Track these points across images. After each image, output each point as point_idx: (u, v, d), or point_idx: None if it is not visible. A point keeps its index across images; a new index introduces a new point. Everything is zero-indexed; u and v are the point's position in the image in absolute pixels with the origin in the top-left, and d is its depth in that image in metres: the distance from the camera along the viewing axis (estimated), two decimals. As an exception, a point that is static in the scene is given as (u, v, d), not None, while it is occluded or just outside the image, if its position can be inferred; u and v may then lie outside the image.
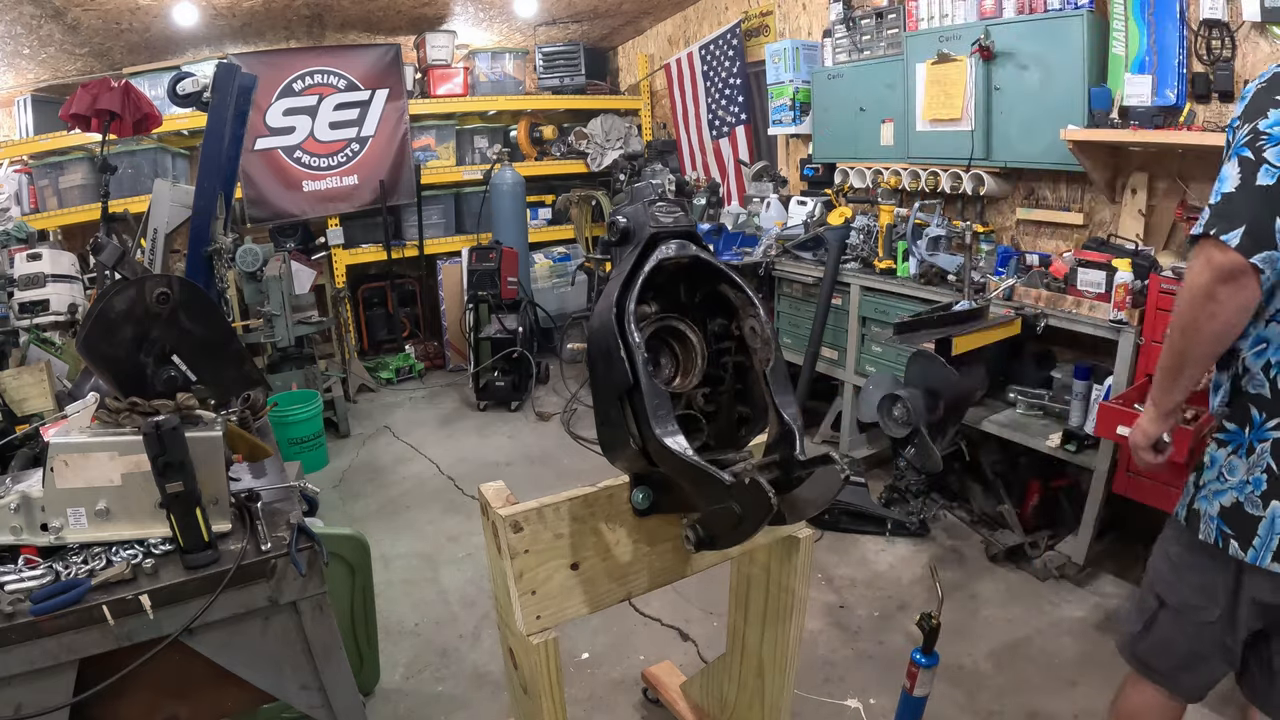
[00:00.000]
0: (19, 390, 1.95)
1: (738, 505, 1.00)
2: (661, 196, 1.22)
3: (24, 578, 1.21)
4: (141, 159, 4.83)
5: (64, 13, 4.31)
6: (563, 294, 6.03)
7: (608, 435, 1.16)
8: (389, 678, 2.42)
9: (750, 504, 0.98)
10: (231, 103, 3.20)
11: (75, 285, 2.68)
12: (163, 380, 1.58)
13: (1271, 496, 1.19)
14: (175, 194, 3.33)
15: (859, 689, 2.29)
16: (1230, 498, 1.23)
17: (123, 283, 1.59)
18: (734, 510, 1.01)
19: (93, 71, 5.01)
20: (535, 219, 6.11)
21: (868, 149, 4.06)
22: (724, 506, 1.02)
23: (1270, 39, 2.55)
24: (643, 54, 6.41)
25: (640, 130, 6.34)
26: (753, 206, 4.68)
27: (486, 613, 2.74)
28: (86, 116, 3.07)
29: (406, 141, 5.49)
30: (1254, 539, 1.21)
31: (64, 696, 1.19)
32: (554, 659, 1.24)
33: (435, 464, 4.12)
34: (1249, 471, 1.22)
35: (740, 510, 1.00)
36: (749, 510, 0.99)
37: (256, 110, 4.78)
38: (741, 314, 1.24)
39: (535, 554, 1.22)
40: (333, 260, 5.46)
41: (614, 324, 1.09)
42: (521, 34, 6.17)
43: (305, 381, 4.29)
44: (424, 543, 3.29)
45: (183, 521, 1.24)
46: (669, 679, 2.22)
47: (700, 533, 1.07)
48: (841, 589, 2.81)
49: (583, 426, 4.49)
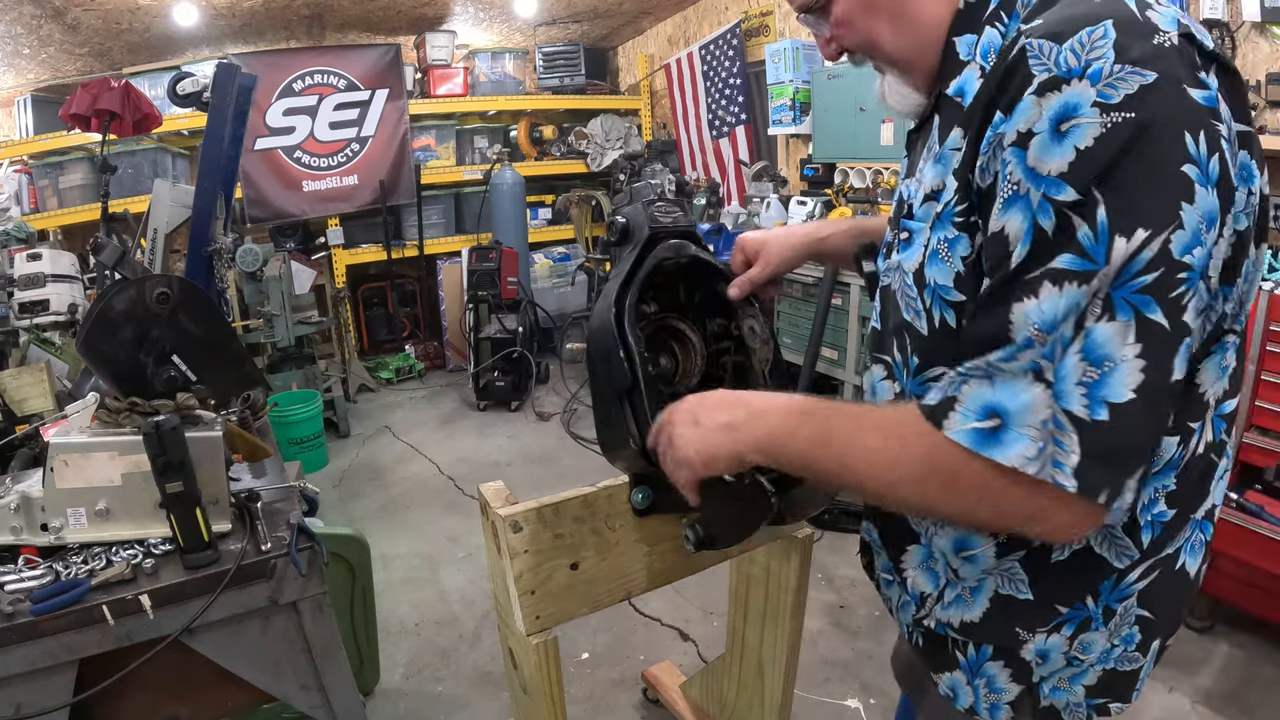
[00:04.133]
0: (19, 390, 1.95)
1: (737, 505, 1.00)
2: (661, 196, 1.22)
3: (24, 578, 1.21)
4: (141, 159, 4.83)
5: (64, 13, 4.30)
6: (563, 294, 6.03)
7: (607, 435, 1.16)
8: (389, 678, 2.42)
9: (750, 504, 0.98)
10: (231, 103, 3.20)
11: (75, 285, 2.68)
12: (163, 380, 1.58)
13: (1150, 638, 0.86)
14: (175, 194, 3.33)
15: (859, 689, 2.29)
16: (1095, 673, 0.86)
17: (123, 283, 1.59)
18: (734, 510, 1.01)
19: (93, 71, 5.01)
20: (535, 219, 6.11)
21: (868, 149, 4.06)
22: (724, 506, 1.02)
23: (1270, 39, 2.55)
24: (643, 54, 6.41)
25: (640, 130, 6.34)
26: (753, 206, 4.68)
27: (486, 613, 2.74)
28: (86, 116, 3.06)
29: (406, 141, 5.49)
30: (1137, 684, 0.89)
31: (64, 696, 1.19)
32: (554, 659, 1.24)
33: (435, 464, 4.12)
34: (1112, 637, 0.84)
35: (740, 510, 1.00)
36: (749, 510, 0.99)
37: (256, 110, 4.78)
38: (740, 313, 1.24)
39: (535, 554, 1.22)
40: (333, 260, 5.46)
41: (613, 324, 1.09)
42: (521, 34, 6.17)
43: (305, 381, 4.29)
44: (424, 543, 3.29)
45: (183, 521, 1.24)
46: (669, 679, 2.22)
47: (700, 533, 1.07)
48: (841, 589, 2.81)
49: (583, 426, 4.48)
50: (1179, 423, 0.76)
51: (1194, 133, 0.62)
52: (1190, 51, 0.64)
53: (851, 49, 0.89)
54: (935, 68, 0.83)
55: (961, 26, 0.79)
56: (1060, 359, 0.63)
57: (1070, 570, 0.81)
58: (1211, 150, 0.62)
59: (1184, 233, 0.61)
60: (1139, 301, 0.62)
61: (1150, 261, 0.61)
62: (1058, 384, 0.63)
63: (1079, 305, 0.63)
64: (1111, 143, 0.61)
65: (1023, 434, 0.65)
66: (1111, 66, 0.61)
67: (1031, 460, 0.64)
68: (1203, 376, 0.75)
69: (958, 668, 0.91)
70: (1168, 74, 0.61)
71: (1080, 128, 0.62)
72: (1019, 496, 0.67)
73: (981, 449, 0.66)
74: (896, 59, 0.85)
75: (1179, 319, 0.62)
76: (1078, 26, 0.64)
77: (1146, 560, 0.81)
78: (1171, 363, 0.63)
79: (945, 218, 0.76)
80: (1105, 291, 0.62)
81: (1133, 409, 0.62)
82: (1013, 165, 0.66)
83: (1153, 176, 0.61)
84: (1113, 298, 0.62)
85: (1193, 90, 0.62)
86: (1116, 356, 0.62)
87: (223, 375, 1.69)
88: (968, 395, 0.68)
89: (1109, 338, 0.62)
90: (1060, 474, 0.64)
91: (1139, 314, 0.62)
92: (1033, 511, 0.67)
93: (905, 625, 0.99)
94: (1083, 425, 0.63)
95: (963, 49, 0.79)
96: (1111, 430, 0.63)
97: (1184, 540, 0.83)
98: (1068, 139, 0.62)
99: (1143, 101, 0.61)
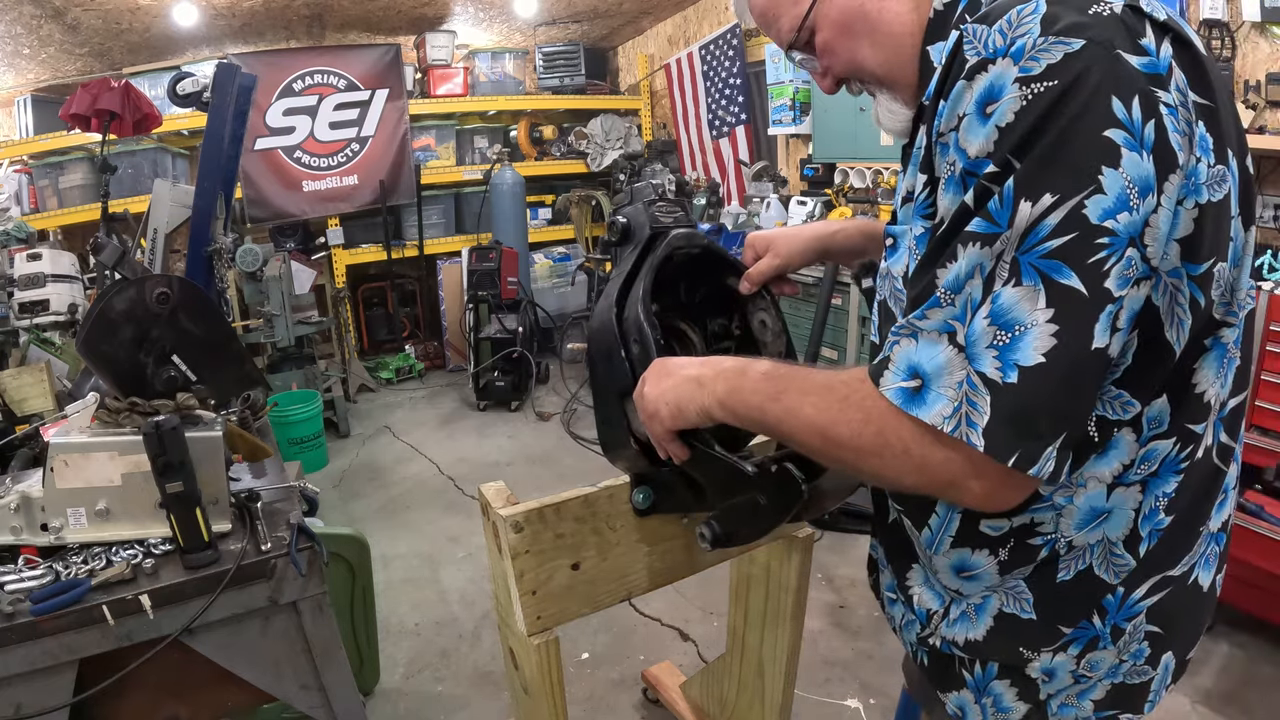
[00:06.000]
0: (19, 390, 1.95)
1: (763, 496, 0.97)
2: (662, 196, 1.22)
3: (24, 578, 1.21)
4: (141, 159, 4.83)
5: (64, 13, 4.30)
6: (563, 294, 6.03)
7: (608, 435, 1.16)
8: (389, 678, 2.42)
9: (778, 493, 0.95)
10: (231, 103, 3.20)
11: (75, 285, 2.68)
12: (163, 380, 1.58)
13: (1160, 652, 0.84)
14: (175, 194, 3.33)
15: (859, 689, 2.29)
16: (1103, 688, 0.84)
17: (123, 283, 1.59)
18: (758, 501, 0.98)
19: (93, 71, 5.00)
20: (535, 219, 6.11)
21: (868, 149, 4.06)
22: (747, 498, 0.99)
23: (1270, 39, 2.55)
24: (643, 54, 6.41)
25: (640, 130, 6.34)
26: (753, 206, 4.68)
27: (486, 613, 2.74)
28: (86, 116, 3.06)
29: (406, 141, 5.49)
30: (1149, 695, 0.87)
31: (64, 696, 1.19)
32: (555, 659, 1.24)
33: (435, 464, 4.12)
34: (1121, 654, 0.82)
35: (767, 501, 0.97)
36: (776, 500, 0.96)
37: (256, 110, 4.78)
38: (752, 306, 1.23)
39: (536, 554, 1.22)
40: (333, 260, 5.46)
41: (614, 324, 1.09)
42: (521, 34, 6.17)
43: (305, 381, 4.29)
44: (424, 543, 3.29)
45: (183, 521, 1.24)
46: (669, 679, 2.22)
47: (716, 529, 1.03)
48: (841, 589, 2.81)
49: (583, 426, 4.48)
50: (1176, 425, 0.73)
51: (1125, 97, 0.60)
52: (1137, 22, 0.63)
53: (843, 75, 0.92)
54: (916, 79, 0.84)
55: (934, 35, 0.80)
56: (970, 322, 0.64)
57: (1072, 590, 0.79)
58: (1148, 116, 0.60)
59: (1105, 197, 0.60)
60: (1047, 266, 0.61)
61: (1058, 226, 0.60)
62: (969, 346, 0.64)
63: (983, 267, 0.63)
64: (1030, 114, 0.61)
65: (941, 393, 0.65)
66: (1035, 40, 0.61)
67: (948, 419, 0.64)
68: (1200, 376, 0.73)
69: (965, 686, 0.90)
70: (1098, 40, 0.60)
71: (1002, 106, 0.62)
72: (940, 459, 0.66)
73: (907, 407, 0.66)
74: (881, 76, 0.87)
75: (1099, 285, 0.61)
76: (1011, 6, 0.64)
77: (1151, 576, 0.79)
78: (1091, 330, 0.61)
79: (916, 214, 0.76)
80: (1010, 255, 0.62)
81: (1044, 372, 0.61)
82: (951, 150, 0.67)
83: (1068, 141, 0.60)
84: (1019, 261, 0.62)
85: (1129, 56, 0.61)
86: (1026, 321, 0.61)
87: (223, 375, 1.69)
88: (897, 354, 0.69)
89: (1015, 302, 0.62)
90: (973, 433, 0.63)
91: (1047, 278, 0.61)
92: (953, 475, 0.67)
93: (910, 644, 0.98)
94: (995, 387, 0.62)
95: (935, 57, 0.80)
96: (1021, 393, 0.62)
97: (1198, 555, 0.81)
98: (990, 119, 0.63)
99: (1065, 69, 0.60)
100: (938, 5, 0.80)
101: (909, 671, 1.26)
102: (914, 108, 0.85)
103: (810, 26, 0.88)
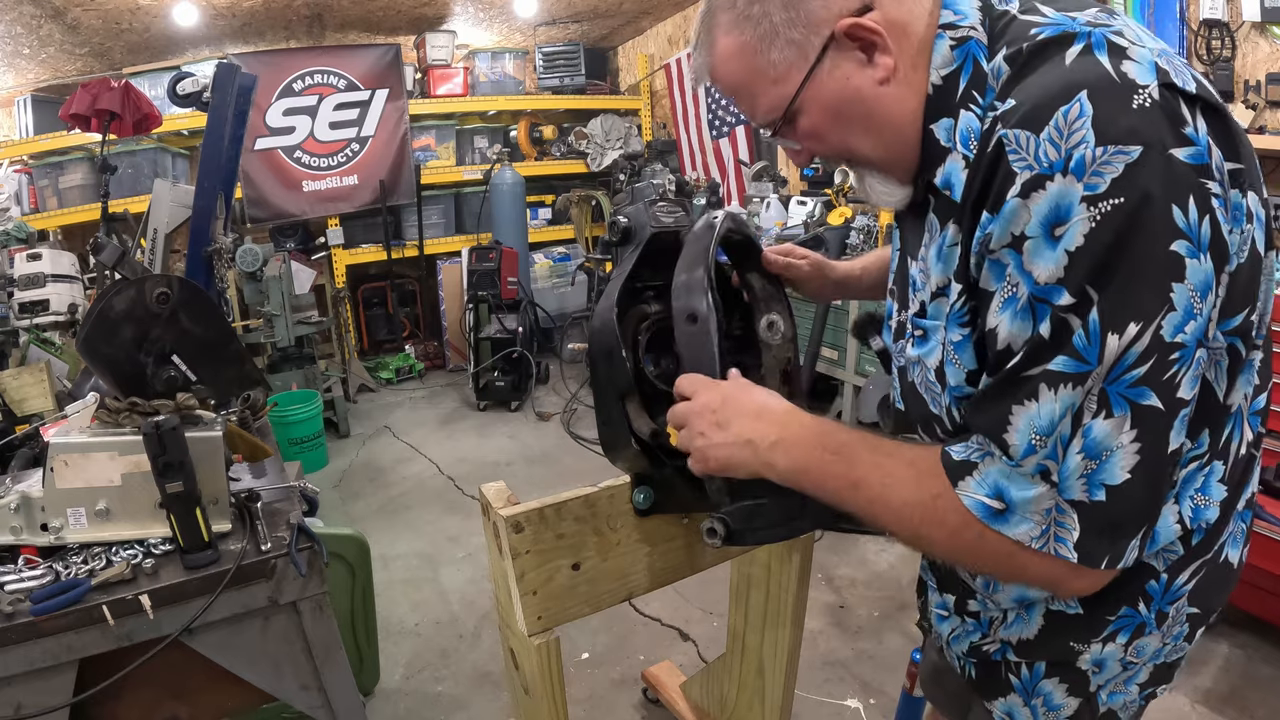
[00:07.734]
0: (19, 390, 1.95)
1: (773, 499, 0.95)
2: (662, 196, 1.22)
3: (24, 578, 1.21)
4: (141, 159, 4.83)
5: (64, 13, 4.30)
6: (563, 294, 6.03)
7: (608, 435, 1.16)
8: (389, 678, 2.42)
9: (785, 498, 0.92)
10: (231, 103, 3.19)
11: (75, 285, 2.68)
12: (163, 380, 1.57)
13: (1195, 629, 0.88)
14: (175, 194, 3.33)
15: (859, 689, 2.29)
16: (1147, 671, 0.88)
17: (123, 283, 1.59)
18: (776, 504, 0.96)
19: (93, 71, 5.00)
20: (535, 219, 6.11)
21: (868, 149, 4.05)
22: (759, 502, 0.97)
23: (1270, 39, 2.55)
24: (643, 54, 6.41)
25: (640, 130, 6.34)
26: (753, 206, 4.68)
27: (486, 613, 2.74)
28: (86, 116, 3.06)
29: (406, 141, 5.49)
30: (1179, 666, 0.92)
31: (64, 696, 1.18)
32: (556, 660, 1.24)
33: (435, 464, 4.12)
34: (1165, 637, 0.85)
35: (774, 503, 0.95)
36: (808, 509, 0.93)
37: (256, 110, 4.78)
38: (764, 307, 1.21)
39: (536, 554, 1.22)
40: (333, 260, 5.46)
41: (614, 324, 1.08)
42: (521, 34, 6.17)
43: (305, 381, 4.29)
44: (424, 543, 3.29)
45: (183, 521, 1.24)
46: (669, 679, 2.22)
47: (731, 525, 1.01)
48: (841, 589, 2.81)
49: (583, 426, 4.48)
50: (1215, 440, 0.76)
51: (1182, 202, 0.60)
52: (1173, 102, 0.62)
53: (826, 157, 0.88)
54: (917, 160, 0.80)
55: (935, 113, 0.76)
56: (1063, 460, 0.66)
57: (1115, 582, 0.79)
58: (1202, 214, 0.61)
59: (1175, 314, 0.61)
60: (1134, 394, 0.63)
61: (1143, 353, 0.62)
62: (1061, 481, 0.66)
63: (1074, 405, 0.64)
64: (1103, 235, 0.60)
65: (1027, 518, 0.68)
66: (1094, 152, 0.60)
67: (1036, 539, 0.68)
68: (1234, 396, 0.75)
69: (1013, 691, 0.91)
70: (1152, 142, 0.60)
71: (1071, 229, 0.61)
72: (1040, 568, 0.70)
73: (990, 522, 0.69)
74: (875, 162, 0.83)
75: (1173, 397, 0.64)
76: (1053, 108, 0.61)
77: (1194, 560, 0.82)
78: (1168, 437, 0.65)
79: (953, 319, 0.76)
80: (1099, 388, 0.63)
81: (1130, 486, 0.65)
82: (1010, 267, 0.66)
83: (1144, 265, 0.61)
84: (1109, 393, 0.63)
85: (1179, 151, 0.61)
86: (1113, 446, 0.64)
87: (223, 375, 1.69)
88: (985, 470, 0.70)
89: (1106, 433, 0.64)
90: (1063, 548, 0.67)
91: (1134, 405, 0.63)
92: (1052, 579, 0.71)
93: (958, 656, 0.98)
94: (1082, 507, 0.66)
95: (942, 135, 0.76)
96: (1110, 510, 0.66)
97: (1228, 534, 0.84)
98: (1060, 243, 0.62)
99: (1131, 183, 0.60)
100: (935, 80, 0.76)
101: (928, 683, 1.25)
102: (910, 183, 0.83)
103: (795, 111, 0.81)
